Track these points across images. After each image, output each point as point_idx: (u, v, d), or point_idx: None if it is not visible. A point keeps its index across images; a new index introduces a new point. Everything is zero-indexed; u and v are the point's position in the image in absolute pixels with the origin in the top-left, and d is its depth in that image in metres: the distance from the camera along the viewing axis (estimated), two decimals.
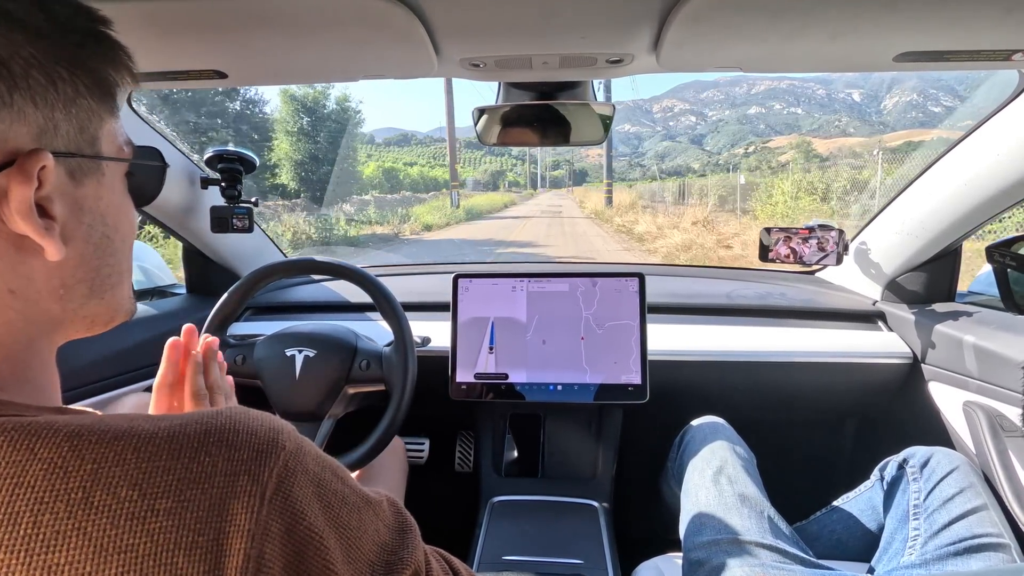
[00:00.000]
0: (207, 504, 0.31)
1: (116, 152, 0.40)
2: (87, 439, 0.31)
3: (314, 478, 0.36)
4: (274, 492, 0.33)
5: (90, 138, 0.37)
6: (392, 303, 1.00)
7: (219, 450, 0.33)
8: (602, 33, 0.69)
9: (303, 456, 0.36)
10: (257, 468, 0.33)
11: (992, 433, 0.95)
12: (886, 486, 0.93)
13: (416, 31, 0.65)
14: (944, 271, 1.23)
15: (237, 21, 0.63)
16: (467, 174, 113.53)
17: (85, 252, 0.38)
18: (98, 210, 0.38)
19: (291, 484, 0.34)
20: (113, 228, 0.40)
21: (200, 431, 0.34)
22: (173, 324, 1.25)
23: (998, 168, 0.97)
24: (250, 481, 0.33)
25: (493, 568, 0.96)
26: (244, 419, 0.36)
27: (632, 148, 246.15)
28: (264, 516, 0.32)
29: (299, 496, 0.34)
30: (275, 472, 0.34)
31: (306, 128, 21.44)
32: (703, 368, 1.25)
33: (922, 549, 0.78)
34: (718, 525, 0.85)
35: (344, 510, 0.38)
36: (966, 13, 0.60)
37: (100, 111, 0.38)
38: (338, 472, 0.40)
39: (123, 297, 0.43)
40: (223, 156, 1.21)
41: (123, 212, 0.41)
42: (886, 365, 1.22)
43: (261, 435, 0.35)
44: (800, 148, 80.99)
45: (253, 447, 0.34)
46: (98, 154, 0.38)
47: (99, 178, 0.38)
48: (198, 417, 0.35)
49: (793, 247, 1.29)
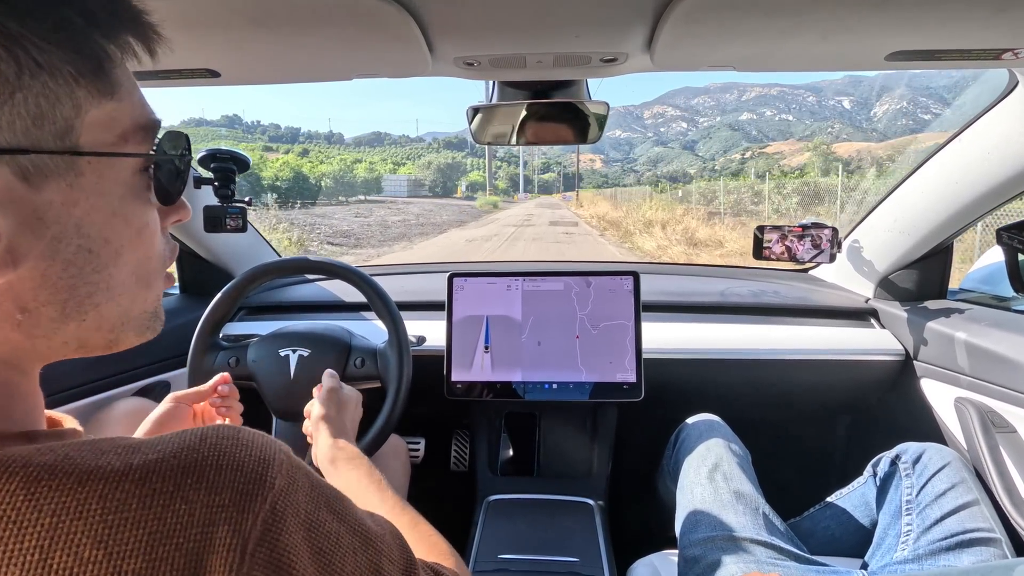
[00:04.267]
0: (181, 563, 0.27)
1: (113, 144, 0.31)
2: (46, 484, 0.27)
3: (305, 521, 0.32)
4: (258, 543, 0.29)
5: (58, 130, 0.28)
6: (386, 302, 1.00)
7: (197, 494, 0.29)
8: (596, 32, 0.69)
9: (294, 494, 0.32)
10: (240, 515, 0.29)
11: (983, 429, 0.96)
12: (879, 482, 0.94)
13: (410, 30, 0.65)
14: (936, 268, 1.24)
15: (230, 20, 0.63)
16: (406, 171, 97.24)
17: (48, 271, 0.30)
18: (70, 219, 0.30)
19: (278, 532, 0.30)
20: (100, 240, 0.31)
21: (177, 468, 0.29)
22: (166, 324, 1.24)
23: (988, 166, 0.98)
24: (230, 532, 0.29)
25: (489, 567, 0.96)
26: (231, 449, 0.31)
27: (624, 154, 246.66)
28: (245, 572, 0.28)
29: (286, 545, 0.31)
30: (260, 519, 0.30)
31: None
32: (698, 366, 1.25)
33: (915, 544, 0.79)
34: (713, 522, 0.85)
35: (337, 555, 0.34)
36: (956, 13, 0.60)
37: (79, 93, 0.29)
38: (335, 506, 0.35)
39: (122, 315, 0.35)
40: (216, 155, 1.20)
41: (119, 220, 0.32)
42: (879, 362, 1.23)
43: (247, 470, 0.31)
44: (817, 151, 77.38)
45: (237, 487, 0.30)
46: (71, 149, 0.29)
47: (73, 180, 0.30)
48: (179, 448, 0.30)
49: (787, 245, 1.30)
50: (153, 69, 0.77)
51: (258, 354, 1.01)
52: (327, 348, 1.00)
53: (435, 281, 1.38)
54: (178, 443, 0.31)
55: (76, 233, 0.30)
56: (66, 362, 0.35)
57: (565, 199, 54.59)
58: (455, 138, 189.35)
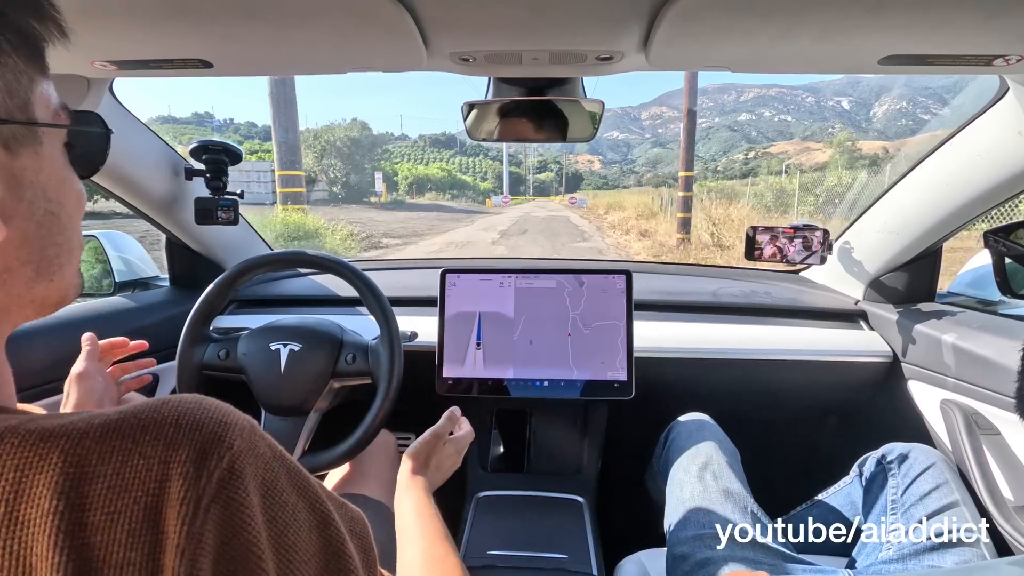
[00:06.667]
0: (139, 515, 0.28)
1: (52, 118, 0.35)
2: (10, 442, 0.28)
3: (262, 486, 0.32)
4: (212, 499, 0.29)
5: (21, 103, 0.32)
6: (378, 297, 1.00)
7: (155, 450, 0.29)
8: (592, 30, 0.69)
9: (254, 458, 0.32)
10: (196, 471, 0.29)
11: (968, 431, 0.97)
12: (865, 482, 0.95)
13: (405, 24, 0.64)
14: (925, 272, 1.25)
15: (223, 9, 0.62)
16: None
17: (28, 231, 0.33)
18: (39, 183, 0.34)
19: (234, 490, 0.30)
20: (57, 203, 0.35)
21: (137, 426, 0.30)
22: (155, 317, 1.23)
23: (978, 171, 0.99)
24: (186, 486, 0.29)
25: (478, 563, 0.96)
26: (192, 410, 0.32)
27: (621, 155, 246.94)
28: (198, 527, 0.28)
29: (241, 504, 0.30)
30: (216, 475, 0.30)
31: None
32: (689, 365, 1.26)
33: (899, 544, 0.80)
34: (702, 520, 0.86)
35: (291, 528, 0.33)
36: (950, 18, 0.61)
37: (29, 71, 0.33)
38: (296, 480, 0.35)
39: (72, 276, 0.39)
40: (208, 147, 1.19)
41: (67, 185, 0.37)
42: (867, 363, 1.24)
43: (207, 430, 0.31)
44: (841, 148, 71.91)
45: (194, 444, 0.30)
46: (32, 120, 0.33)
47: (37, 148, 0.34)
48: (140, 409, 0.31)
49: (779, 246, 1.31)
50: (145, 59, 0.77)
51: (248, 347, 1.00)
52: (318, 343, 1.00)
53: (427, 277, 1.38)
54: (141, 405, 0.32)
55: (43, 197, 0.34)
56: (48, 354, 0.36)
57: (574, 203, 37.23)
58: (443, 135, 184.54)
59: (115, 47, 0.74)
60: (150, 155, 1.17)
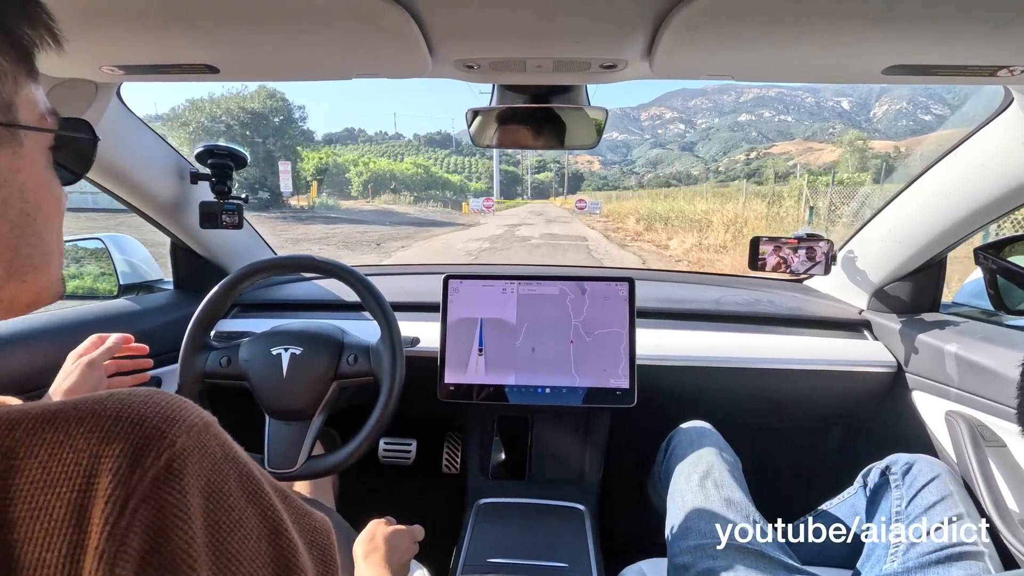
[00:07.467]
0: (62, 513, 0.26)
1: (37, 121, 0.35)
2: None
3: (207, 487, 0.30)
4: (142, 499, 0.27)
5: (3, 104, 0.33)
6: (380, 301, 1.00)
7: (87, 443, 0.27)
8: (596, 38, 0.69)
9: (200, 457, 0.30)
10: (128, 468, 0.27)
11: (973, 443, 0.96)
12: (869, 492, 0.94)
13: (410, 31, 0.65)
14: (929, 282, 1.25)
15: (229, 15, 0.63)
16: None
17: (1, 230, 0.33)
18: (14, 184, 0.34)
19: (167, 492, 0.28)
20: (34, 205, 0.35)
21: (73, 417, 0.28)
22: (159, 320, 1.24)
23: (982, 181, 0.99)
24: (114, 483, 0.26)
25: (478, 570, 0.95)
26: (137, 404, 0.30)
27: (621, 156, 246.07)
28: (122, 529, 0.26)
29: (175, 507, 0.28)
30: (150, 473, 0.27)
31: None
32: (691, 373, 1.26)
33: (904, 556, 0.79)
34: (704, 529, 0.85)
35: (236, 536, 0.30)
36: (954, 29, 0.61)
37: (15, 73, 0.33)
38: (247, 484, 0.32)
39: (49, 279, 0.38)
40: (213, 151, 1.20)
41: (47, 189, 0.37)
42: (871, 373, 1.24)
43: (149, 424, 0.29)
44: (852, 147, 67.03)
45: (131, 439, 0.28)
46: (12, 121, 0.33)
47: (15, 148, 0.34)
48: (82, 401, 0.30)
49: (783, 256, 1.31)
50: (152, 64, 0.77)
51: (250, 353, 1.00)
52: (319, 346, 1.00)
53: (430, 283, 1.38)
54: (86, 397, 0.30)
55: (20, 197, 0.34)
56: (56, 357, 0.35)
57: (583, 208, 27.69)
58: (438, 135, 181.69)
59: (123, 52, 0.74)
60: (156, 159, 1.17)
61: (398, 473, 1.49)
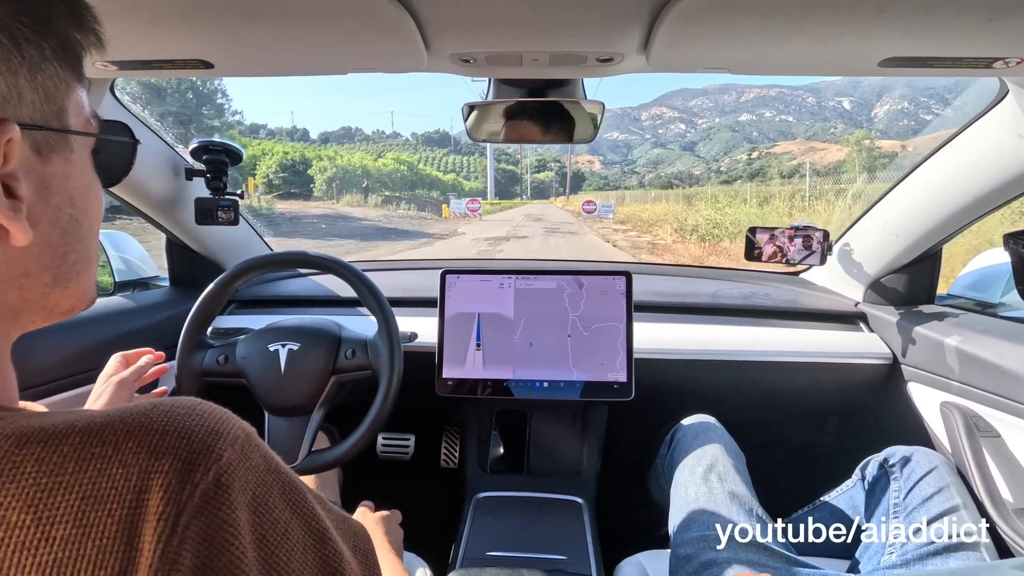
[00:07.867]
0: (113, 529, 0.25)
1: (83, 126, 0.35)
2: None
3: (252, 502, 0.30)
4: (193, 515, 0.27)
5: (57, 109, 0.33)
6: (377, 296, 1.00)
7: (136, 458, 0.27)
8: (593, 31, 0.69)
9: (245, 471, 0.30)
10: (178, 483, 0.27)
11: (968, 433, 0.97)
12: (867, 485, 0.94)
13: (406, 25, 0.64)
14: (924, 274, 1.25)
15: (224, 10, 0.62)
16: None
17: (51, 237, 0.33)
18: (66, 190, 0.34)
19: (218, 506, 0.28)
20: (81, 211, 0.35)
21: (121, 432, 0.28)
22: (155, 317, 1.23)
23: (977, 173, 0.99)
24: (165, 499, 0.26)
25: (477, 564, 0.96)
26: (182, 417, 0.30)
27: (622, 156, 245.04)
28: (174, 547, 0.26)
29: (226, 521, 0.28)
30: (200, 489, 0.27)
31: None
32: (688, 366, 1.26)
33: (902, 548, 0.80)
34: (707, 521, 0.86)
35: (283, 548, 0.30)
36: (950, 21, 0.61)
37: (67, 78, 0.33)
38: (291, 496, 0.32)
39: (88, 286, 0.38)
40: (208, 147, 1.19)
41: (92, 193, 0.37)
42: (867, 365, 1.24)
43: (196, 438, 0.29)
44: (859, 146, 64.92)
45: (179, 454, 0.28)
46: (66, 127, 0.33)
47: (67, 155, 0.34)
48: (127, 412, 0.29)
49: (779, 245, 1.31)
50: (145, 59, 0.77)
51: (247, 350, 1.00)
52: (317, 341, 1.00)
53: (427, 278, 1.38)
54: (130, 408, 0.30)
55: (69, 204, 0.34)
56: (52, 354, 0.35)
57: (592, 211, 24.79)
58: (436, 133, 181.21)
59: (116, 47, 0.74)
60: (151, 155, 1.17)
61: (397, 468, 1.50)
